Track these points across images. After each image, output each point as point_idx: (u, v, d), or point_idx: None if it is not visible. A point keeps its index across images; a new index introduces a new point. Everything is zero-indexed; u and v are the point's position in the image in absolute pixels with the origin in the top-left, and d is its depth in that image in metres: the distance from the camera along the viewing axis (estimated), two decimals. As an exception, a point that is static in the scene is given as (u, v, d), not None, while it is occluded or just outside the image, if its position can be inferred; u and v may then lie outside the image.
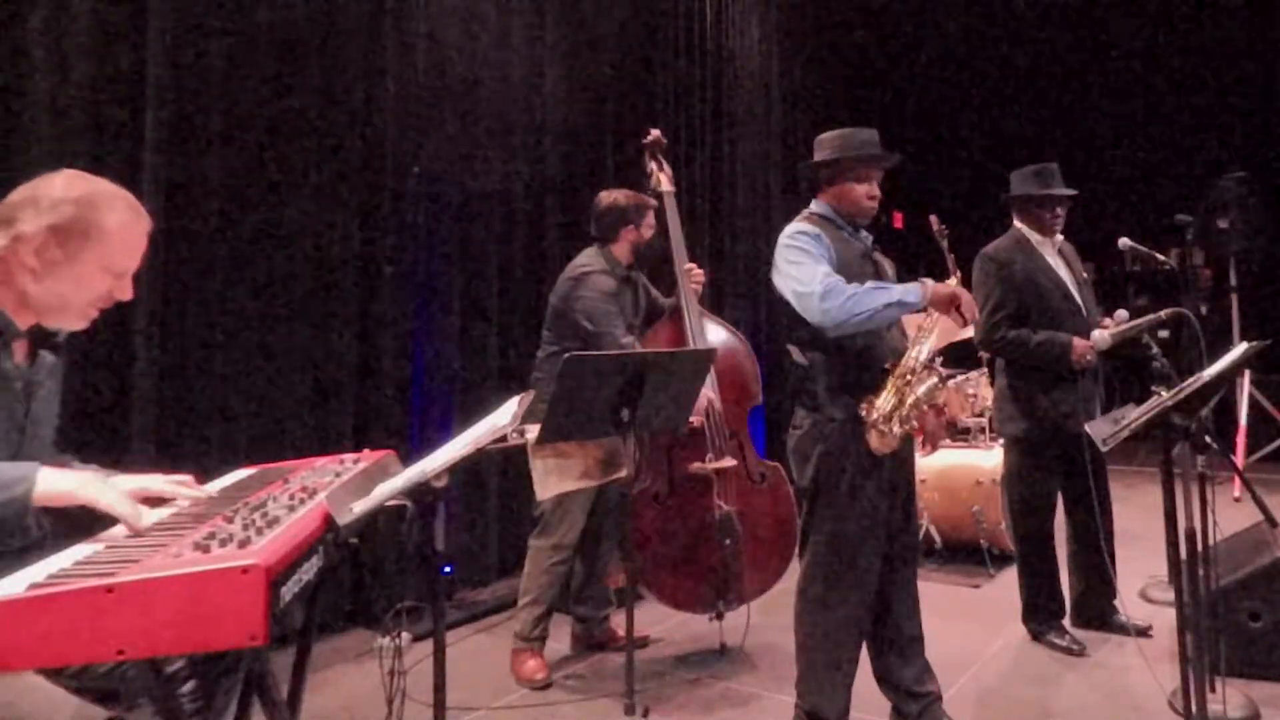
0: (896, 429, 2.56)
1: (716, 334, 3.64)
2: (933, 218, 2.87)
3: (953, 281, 2.70)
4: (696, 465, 3.41)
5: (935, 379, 2.61)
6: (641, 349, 3.33)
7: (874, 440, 2.55)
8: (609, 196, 3.56)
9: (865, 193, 2.74)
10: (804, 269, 2.58)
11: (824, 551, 2.64)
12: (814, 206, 2.80)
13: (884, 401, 2.56)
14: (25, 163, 2.91)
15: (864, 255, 2.74)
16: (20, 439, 1.70)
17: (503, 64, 4.65)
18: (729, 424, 3.49)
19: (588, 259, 3.46)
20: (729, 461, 3.43)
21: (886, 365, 2.61)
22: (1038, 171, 3.56)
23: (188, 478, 1.78)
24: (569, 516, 3.33)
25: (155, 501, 1.71)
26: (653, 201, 3.59)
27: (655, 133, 3.79)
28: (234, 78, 3.49)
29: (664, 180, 3.73)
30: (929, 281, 2.59)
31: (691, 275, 3.59)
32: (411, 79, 4.19)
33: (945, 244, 2.83)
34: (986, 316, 3.51)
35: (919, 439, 2.85)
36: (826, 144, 2.78)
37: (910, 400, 2.57)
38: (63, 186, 1.69)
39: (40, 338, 1.77)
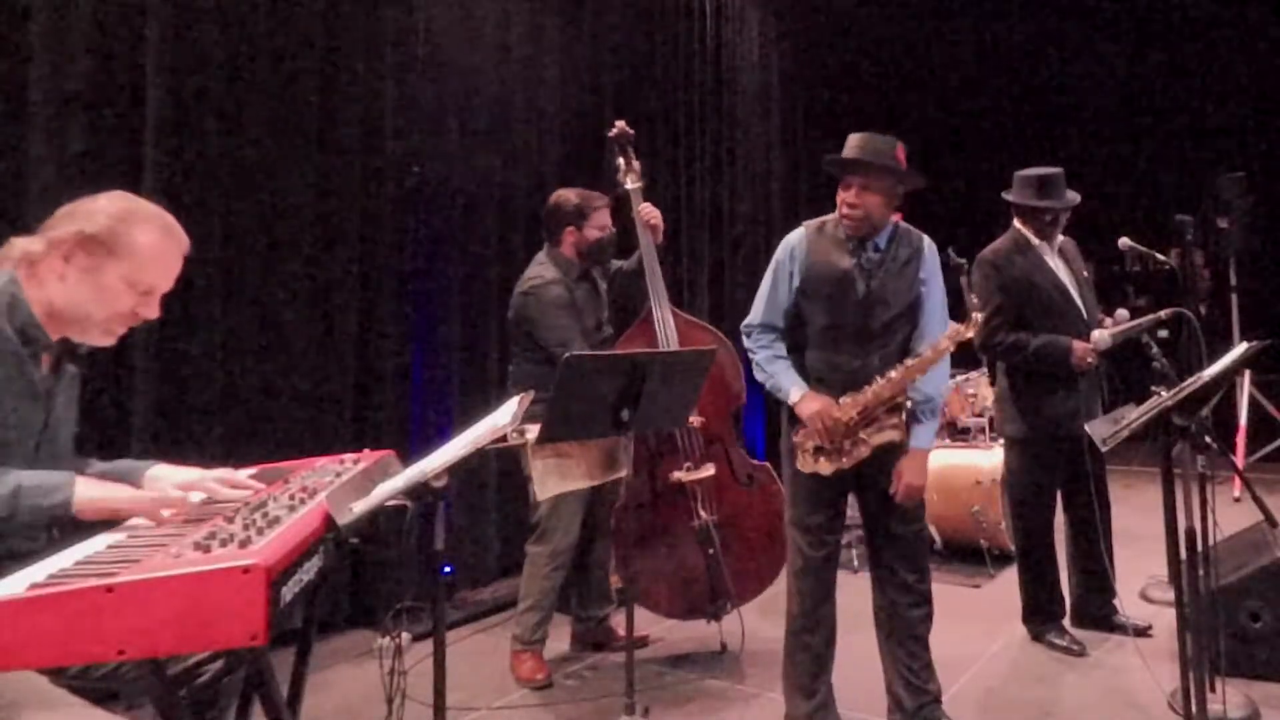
0: (825, 464, 2.59)
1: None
2: (950, 250, 2.83)
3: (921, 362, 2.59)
4: (675, 475, 3.38)
5: (896, 435, 2.57)
6: (612, 349, 3.30)
7: (798, 462, 2.61)
8: (556, 195, 3.47)
9: (840, 199, 2.66)
10: (762, 288, 2.79)
11: (789, 548, 2.76)
12: None
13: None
14: (25, 162, 2.91)
15: (843, 276, 2.65)
16: (36, 447, 1.71)
17: (503, 64, 4.65)
18: (710, 429, 3.43)
19: (537, 268, 3.37)
20: (706, 472, 3.39)
21: (844, 400, 2.59)
22: (1040, 179, 3.48)
23: (229, 472, 1.80)
24: (564, 521, 3.32)
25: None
26: (600, 201, 3.44)
27: (620, 124, 3.58)
28: (234, 78, 3.49)
29: (630, 177, 3.53)
30: (805, 396, 2.62)
31: (645, 214, 3.46)
32: (411, 79, 4.19)
33: (965, 281, 2.80)
34: (985, 320, 3.50)
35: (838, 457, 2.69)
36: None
37: (853, 446, 2.58)
38: (105, 201, 1.75)
39: (65, 350, 1.79)
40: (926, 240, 2.78)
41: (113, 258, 1.69)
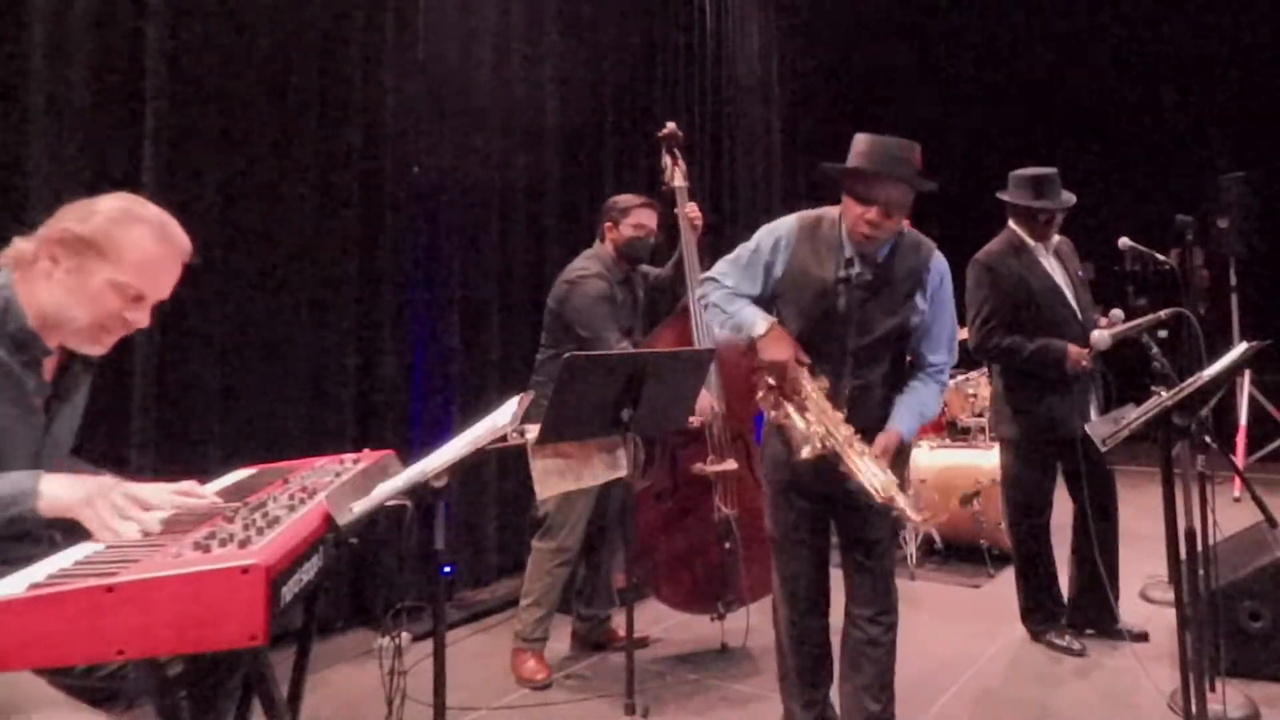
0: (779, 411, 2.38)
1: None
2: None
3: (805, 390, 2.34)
4: (698, 466, 3.41)
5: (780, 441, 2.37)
6: (643, 348, 3.34)
7: (760, 399, 2.42)
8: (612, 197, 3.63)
9: (859, 215, 2.31)
10: (736, 259, 2.52)
11: (772, 552, 2.69)
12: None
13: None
14: (25, 163, 2.91)
15: (824, 289, 2.38)
16: (35, 457, 1.66)
17: (503, 64, 4.65)
18: (733, 426, 3.48)
19: (583, 261, 3.48)
20: (730, 465, 3.42)
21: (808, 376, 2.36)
22: (1035, 179, 3.45)
23: (192, 483, 1.72)
24: (572, 518, 3.33)
25: None
26: (639, 201, 3.55)
27: (671, 126, 3.78)
28: (234, 78, 3.49)
29: (678, 175, 3.71)
30: (772, 331, 2.36)
31: (687, 212, 3.62)
32: (411, 79, 4.19)
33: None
34: (979, 324, 3.49)
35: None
36: (854, 145, 2.39)
37: (783, 407, 2.37)
38: (106, 201, 1.66)
39: (74, 357, 1.73)
40: (936, 257, 2.45)
41: (101, 260, 1.60)
